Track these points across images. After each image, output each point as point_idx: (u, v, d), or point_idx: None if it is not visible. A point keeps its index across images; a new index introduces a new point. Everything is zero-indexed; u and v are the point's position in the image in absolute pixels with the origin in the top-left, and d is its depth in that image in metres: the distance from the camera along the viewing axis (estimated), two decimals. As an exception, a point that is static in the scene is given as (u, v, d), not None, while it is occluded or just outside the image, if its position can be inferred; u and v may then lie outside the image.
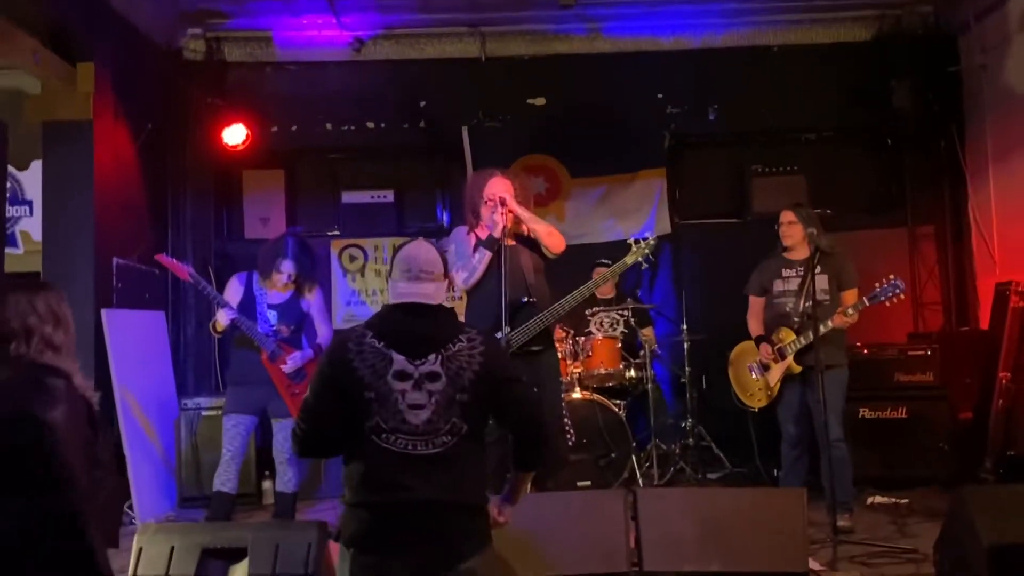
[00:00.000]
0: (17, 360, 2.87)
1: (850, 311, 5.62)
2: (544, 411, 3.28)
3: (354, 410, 3.05)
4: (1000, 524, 3.98)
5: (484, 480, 3.22)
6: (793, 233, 5.96)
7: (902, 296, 5.53)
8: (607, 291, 7.68)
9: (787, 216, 6.01)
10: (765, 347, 6.01)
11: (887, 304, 5.55)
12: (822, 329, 5.55)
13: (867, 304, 5.58)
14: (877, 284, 5.56)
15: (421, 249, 3.29)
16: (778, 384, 5.93)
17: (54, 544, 2.75)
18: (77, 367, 2.97)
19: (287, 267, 5.82)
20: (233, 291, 5.85)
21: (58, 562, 2.76)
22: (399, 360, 3.04)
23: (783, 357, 5.88)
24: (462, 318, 5.38)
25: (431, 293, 3.19)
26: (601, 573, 4.18)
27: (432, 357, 3.05)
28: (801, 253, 5.96)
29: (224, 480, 5.66)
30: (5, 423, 2.75)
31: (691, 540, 4.18)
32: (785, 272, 5.99)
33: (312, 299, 5.97)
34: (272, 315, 5.81)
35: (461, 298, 6.61)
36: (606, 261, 6.74)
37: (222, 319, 5.65)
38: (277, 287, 5.85)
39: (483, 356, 3.09)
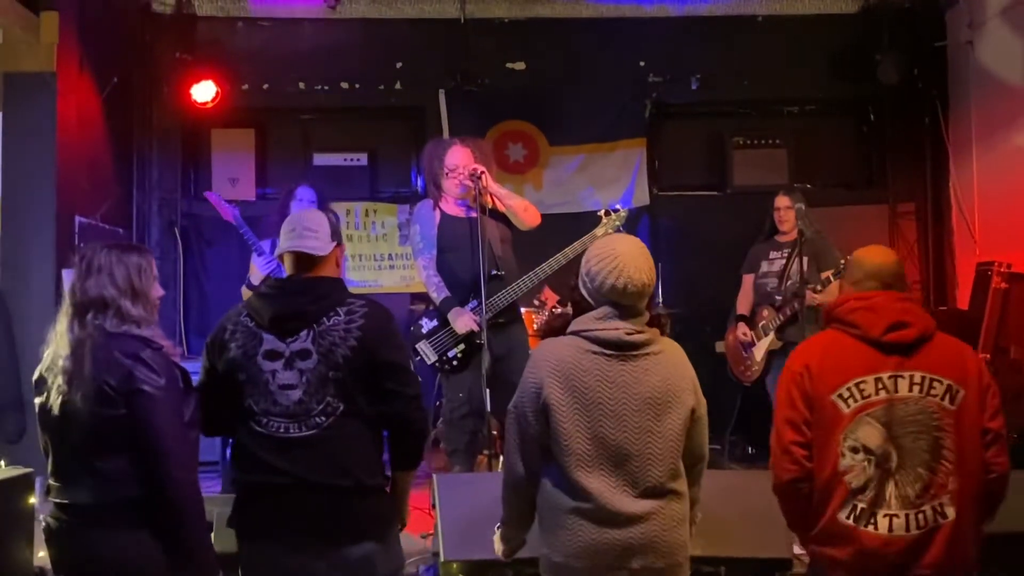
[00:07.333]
0: (98, 330, 2.87)
1: (818, 288, 5.75)
2: (422, 408, 3.09)
3: (231, 392, 2.99)
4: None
5: (375, 459, 3.05)
6: (788, 218, 6.17)
7: None
8: None
9: (783, 201, 6.26)
10: (741, 326, 6.32)
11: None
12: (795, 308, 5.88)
13: (832, 280, 5.67)
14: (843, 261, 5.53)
15: (307, 213, 3.28)
16: (764, 359, 6.15)
17: (154, 510, 2.83)
18: (163, 335, 2.98)
19: (305, 193, 5.59)
20: (260, 266, 5.47)
21: (158, 527, 2.84)
22: (269, 339, 2.95)
23: (766, 334, 6.12)
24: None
25: (317, 246, 3.05)
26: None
27: (304, 333, 2.94)
28: (791, 236, 6.12)
29: None
30: (109, 396, 2.81)
31: (672, 523, 4.05)
32: (772, 254, 6.30)
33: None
34: None
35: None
36: None
37: (260, 269, 5.37)
38: None
39: (361, 331, 2.94)
